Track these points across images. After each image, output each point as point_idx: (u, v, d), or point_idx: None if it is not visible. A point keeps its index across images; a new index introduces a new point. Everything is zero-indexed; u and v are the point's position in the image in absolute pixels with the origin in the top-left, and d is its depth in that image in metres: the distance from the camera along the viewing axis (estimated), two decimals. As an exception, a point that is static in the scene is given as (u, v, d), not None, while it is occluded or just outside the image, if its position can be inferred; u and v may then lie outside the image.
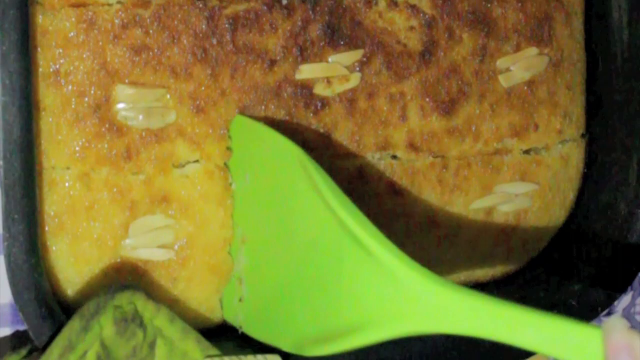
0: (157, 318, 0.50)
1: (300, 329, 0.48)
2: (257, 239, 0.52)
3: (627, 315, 0.69)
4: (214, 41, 0.52)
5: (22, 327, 0.57)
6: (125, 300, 0.50)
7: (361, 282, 0.43)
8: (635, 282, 0.60)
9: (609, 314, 0.69)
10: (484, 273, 0.61)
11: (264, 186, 0.51)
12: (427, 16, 0.56)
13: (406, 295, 0.41)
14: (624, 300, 0.69)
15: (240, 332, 0.53)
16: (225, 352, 0.51)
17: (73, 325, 0.49)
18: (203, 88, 0.52)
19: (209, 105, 0.53)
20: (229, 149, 0.53)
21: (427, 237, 0.58)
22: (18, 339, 0.57)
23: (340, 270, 0.45)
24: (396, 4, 0.55)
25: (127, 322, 0.49)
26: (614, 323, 0.37)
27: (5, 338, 0.57)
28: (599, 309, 0.58)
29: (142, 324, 0.50)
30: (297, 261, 0.48)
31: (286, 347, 0.49)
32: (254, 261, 0.52)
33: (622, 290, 0.59)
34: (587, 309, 0.58)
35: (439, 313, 0.40)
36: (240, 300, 0.53)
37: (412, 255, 0.58)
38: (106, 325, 0.49)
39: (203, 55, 0.52)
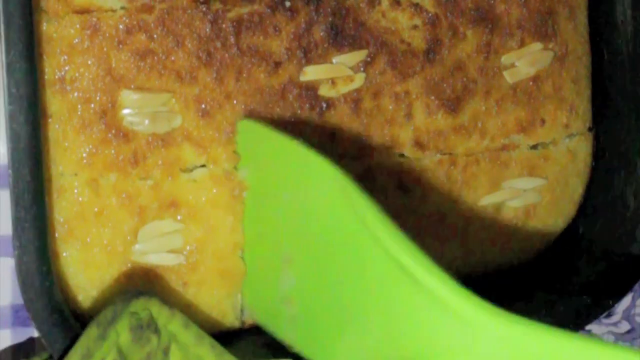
0: (172, 323, 0.50)
1: (353, 356, 0.46)
2: (303, 260, 0.50)
3: (627, 316, 0.69)
4: (218, 44, 0.53)
5: (21, 329, 0.57)
6: (141, 306, 0.50)
7: (415, 315, 0.42)
8: (635, 284, 0.59)
9: (609, 315, 0.69)
10: (494, 268, 0.61)
11: (303, 208, 0.49)
12: (430, 14, 0.56)
13: (464, 329, 0.40)
14: (624, 302, 0.69)
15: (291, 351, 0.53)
16: (239, 358, 0.51)
17: (90, 333, 0.49)
18: (208, 91, 0.53)
19: (215, 109, 0.53)
20: (235, 152, 0.53)
21: (438, 234, 0.58)
22: (26, 347, 0.57)
23: (391, 302, 0.43)
24: (399, 3, 0.55)
25: (142, 328, 0.49)
26: None
27: (19, 345, 0.57)
28: (611, 302, 0.58)
29: (156, 330, 0.50)
30: (344, 289, 0.46)
31: None
32: (303, 282, 0.50)
33: (633, 283, 0.58)
34: (598, 303, 0.58)
35: (501, 348, 0.38)
36: (292, 320, 0.51)
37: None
38: (123, 332, 0.49)
39: (208, 58, 0.52)
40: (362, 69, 0.55)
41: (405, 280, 0.42)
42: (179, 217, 0.53)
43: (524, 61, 0.58)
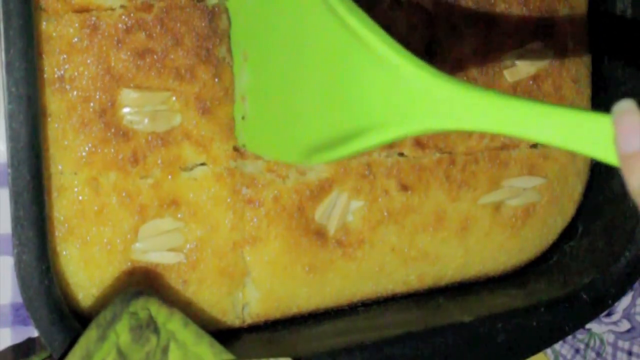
0: (171, 322, 0.50)
1: (307, 138, 0.47)
2: (259, 53, 0.50)
3: (627, 315, 0.69)
4: (217, 41, 0.53)
5: (22, 328, 0.57)
6: (140, 306, 0.50)
7: (368, 84, 0.42)
8: (635, 283, 0.60)
9: (609, 314, 0.69)
10: (494, 267, 0.61)
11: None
12: (430, 13, 0.56)
13: (414, 93, 0.40)
14: (624, 301, 0.69)
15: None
16: (239, 356, 0.51)
17: (90, 335, 0.49)
18: (207, 89, 0.53)
19: (214, 105, 0.53)
20: (235, 148, 0.53)
21: (438, 232, 0.58)
22: (26, 346, 0.57)
23: (346, 74, 0.43)
24: (399, 3, 0.55)
25: (142, 328, 0.49)
26: (623, 105, 0.35)
27: (18, 345, 0.57)
28: (610, 301, 0.58)
29: (156, 329, 0.50)
30: (302, 69, 0.47)
31: (293, 159, 0.49)
32: (256, 77, 0.51)
33: (632, 282, 0.59)
34: (597, 302, 0.58)
35: (448, 109, 0.39)
36: (243, 118, 0.52)
37: (423, 250, 0.58)
38: (122, 333, 0.49)
39: (206, 56, 0.52)
40: (361, 68, 0.55)
41: (360, 50, 0.42)
42: (179, 216, 0.53)
43: (524, 60, 0.58)
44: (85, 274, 0.52)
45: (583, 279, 0.59)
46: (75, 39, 0.51)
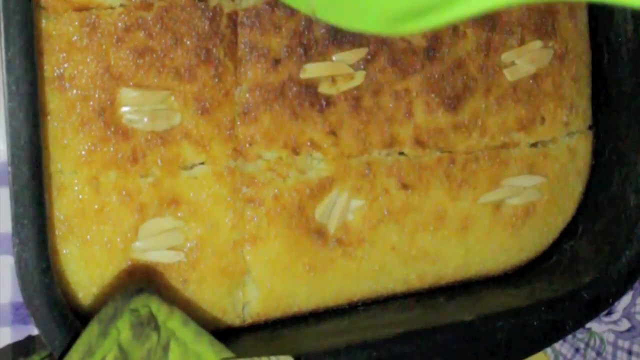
0: (171, 320, 0.50)
1: (388, 3, 0.42)
2: None
3: (627, 314, 0.69)
4: (217, 41, 0.53)
5: (21, 327, 0.57)
6: (141, 303, 0.50)
7: None
8: (636, 282, 0.60)
9: (609, 313, 0.69)
10: (495, 267, 0.61)
11: None
12: (430, 12, 0.56)
13: None
14: (624, 300, 0.69)
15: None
16: (239, 354, 0.51)
17: (92, 330, 0.49)
18: (207, 89, 0.53)
19: (214, 107, 0.53)
20: (235, 149, 0.53)
21: (438, 231, 0.58)
22: (26, 345, 0.57)
23: None
24: (399, 1, 0.55)
25: (143, 325, 0.49)
26: None
27: (18, 343, 0.57)
28: (610, 300, 0.58)
29: (156, 327, 0.50)
30: None
31: (372, 26, 0.43)
32: None
33: (633, 281, 0.59)
34: (598, 301, 0.58)
35: None
36: None
37: (423, 249, 0.58)
38: (123, 330, 0.49)
39: (206, 56, 0.53)
40: (362, 66, 0.55)
41: None
42: (179, 214, 0.53)
43: (524, 59, 0.58)
44: (86, 273, 0.52)
45: (583, 278, 0.59)
46: (75, 38, 0.51)
